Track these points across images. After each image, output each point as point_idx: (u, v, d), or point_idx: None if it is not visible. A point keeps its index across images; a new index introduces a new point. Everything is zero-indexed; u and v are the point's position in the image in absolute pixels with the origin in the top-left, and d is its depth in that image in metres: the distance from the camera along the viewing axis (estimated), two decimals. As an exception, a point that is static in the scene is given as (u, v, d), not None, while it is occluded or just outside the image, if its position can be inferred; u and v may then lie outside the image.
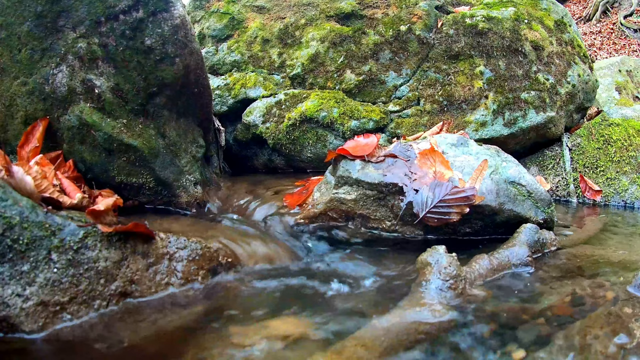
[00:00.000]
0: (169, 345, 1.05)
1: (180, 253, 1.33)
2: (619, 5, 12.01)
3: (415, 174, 1.62)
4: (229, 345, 1.01)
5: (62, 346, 1.04)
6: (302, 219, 1.70)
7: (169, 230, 1.43)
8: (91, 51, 1.66)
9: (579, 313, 1.10)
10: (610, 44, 11.00)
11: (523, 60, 2.61)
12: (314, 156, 2.54)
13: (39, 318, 1.08)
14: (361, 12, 2.78)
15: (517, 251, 1.44)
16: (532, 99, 2.54)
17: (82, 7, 1.66)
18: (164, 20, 1.71)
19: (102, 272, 1.18)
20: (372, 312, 1.15)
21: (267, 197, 1.95)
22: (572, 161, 2.73)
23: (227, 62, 2.84)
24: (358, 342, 0.96)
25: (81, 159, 1.72)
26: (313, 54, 2.69)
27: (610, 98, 4.46)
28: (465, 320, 1.08)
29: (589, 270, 1.39)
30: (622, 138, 2.70)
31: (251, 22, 2.90)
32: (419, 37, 2.65)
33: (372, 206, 1.64)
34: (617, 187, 2.59)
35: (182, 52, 1.77)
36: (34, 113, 1.69)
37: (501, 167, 1.68)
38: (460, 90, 2.55)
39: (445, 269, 1.23)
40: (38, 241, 1.13)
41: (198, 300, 1.25)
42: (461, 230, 1.64)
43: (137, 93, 1.73)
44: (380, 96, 2.63)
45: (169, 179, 1.81)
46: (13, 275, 1.09)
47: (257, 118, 2.59)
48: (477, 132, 2.48)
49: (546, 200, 1.67)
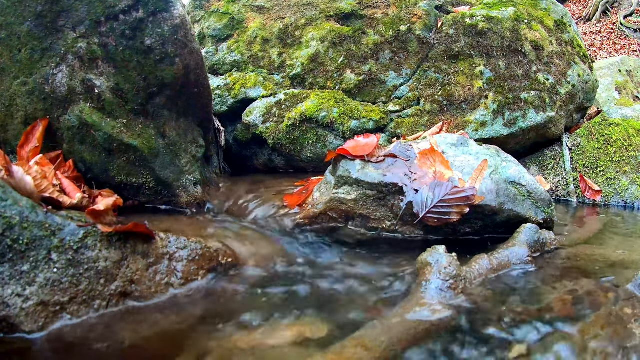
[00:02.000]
0: (169, 345, 1.05)
1: (180, 253, 1.33)
2: (619, 5, 12.01)
3: (415, 174, 1.62)
4: (229, 345, 1.01)
5: (62, 346, 1.04)
6: (302, 219, 1.70)
7: (169, 230, 1.43)
8: (91, 51, 1.66)
9: (579, 313, 1.10)
10: (610, 44, 11.00)
11: (523, 60, 2.61)
12: (314, 156, 2.54)
13: (39, 318, 1.08)
14: (361, 12, 2.78)
15: (517, 251, 1.44)
16: (532, 99, 2.54)
17: (82, 7, 1.66)
18: (164, 20, 1.71)
19: (102, 272, 1.18)
20: (372, 312, 1.15)
21: (267, 197, 1.95)
22: (572, 161, 2.73)
23: (227, 62, 2.83)
24: (358, 343, 0.96)
25: (81, 159, 1.72)
26: (313, 54, 2.69)
27: (610, 98, 4.46)
28: (465, 320, 1.08)
29: (589, 270, 1.39)
30: (622, 138, 2.70)
31: (251, 22, 2.90)
32: (419, 37, 2.65)
33: (372, 206, 1.64)
34: (617, 187, 2.59)
35: (182, 52, 1.77)
36: (34, 113, 1.69)
37: (501, 167, 1.68)
38: (460, 90, 2.55)
39: (445, 269, 1.23)
40: (38, 241, 1.13)
41: (198, 301, 1.25)
42: (461, 230, 1.64)
43: (137, 93, 1.73)
44: (380, 96, 2.63)
45: (169, 179, 1.81)
46: (13, 275, 1.09)
47: (257, 118, 2.59)
48: (477, 132, 2.48)
49: (546, 200, 1.67)
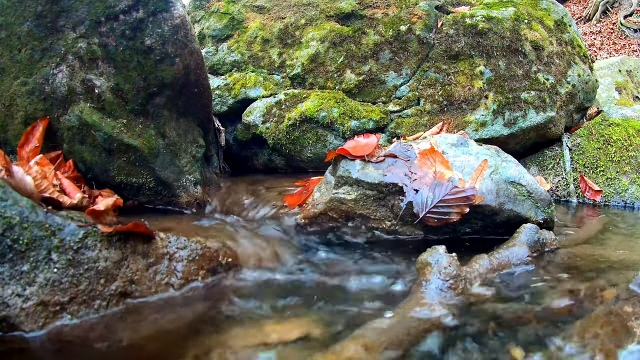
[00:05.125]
0: (169, 345, 1.05)
1: (180, 253, 1.33)
2: (619, 5, 12.01)
3: (415, 174, 1.62)
4: (229, 345, 1.01)
5: (62, 346, 1.04)
6: (302, 219, 1.70)
7: (169, 230, 1.43)
8: (91, 51, 1.66)
9: (579, 312, 1.10)
10: (610, 44, 11.00)
11: (523, 60, 2.61)
12: (314, 156, 2.54)
13: (39, 318, 1.08)
14: (361, 12, 2.78)
15: (517, 251, 1.44)
16: (532, 99, 2.54)
17: (82, 7, 1.66)
18: (164, 20, 1.71)
19: (102, 272, 1.18)
20: (372, 312, 1.15)
21: (267, 197, 1.95)
22: (572, 161, 2.73)
23: (227, 62, 2.83)
24: (358, 342, 0.96)
25: (81, 159, 1.72)
26: (313, 54, 2.69)
27: (610, 98, 4.46)
28: (465, 320, 1.08)
29: (589, 269, 1.39)
30: (622, 138, 2.70)
31: (251, 22, 2.90)
32: (419, 37, 2.65)
33: (372, 206, 1.64)
34: (617, 187, 2.59)
35: (182, 52, 1.77)
36: (34, 113, 1.69)
37: (501, 167, 1.68)
38: (460, 90, 2.55)
39: (445, 269, 1.23)
40: (38, 241, 1.13)
41: (198, 300, 1.25)
42: (461, 230, 1.64)
43: (137, 93, 1.73)
44: (380, 96, 2.63)
45: (169, 179, 1.81)
46: (13, 275, 1.09)
47: (257, 118, 2.59)
48: (477, 132, 2.48)
49: (546, 200, 1.67)
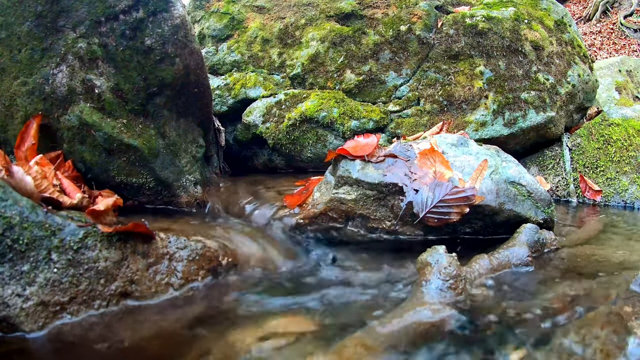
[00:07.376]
0: (169, 345, 1.05)
1: (180, 253, 1.33)
2: (619, 5, 12.01)
3: (415, 174, 1.62)
4: (229, 345, 1.01)
5: (62, 346, 1.04)
6: (302, 219, 1.70)
7: (169, 230, 1.43)
8: (91, 51, 1.66)
9: (579, 312, 1.10)
10: (610, 44, 11.00)
11: (523, 60, 2.61)
12: (314, 156, 2.54)
13: (39, 318, 1.08)
14: (361, 12, 2.78)
15: (517, 251, 1.44)
16: (532, 99, 2.54)
17: (82, 7, 1.66)
18: (164, 20, 1.71)
19: (102, 272, 1.18)
20: (373, 312, 1.15)
21: (267, 197, 1.95)
22: (572, 161, 2.73)
23: (227, 62, 2.83)
24: (358, 342, 0.96)
25: (81, 159, 1.72)
26: (313, 54, 2.69)
27: (610, 98, 4.45)
28: (465, 320, 1.08)
29: (589, 270, 1.39)
30: (622, 138, 2.70)
31: (251, 22, 2.90)
32: (419, 37, 2.65)
33: (372, 206, 1.64)
34: (617, 187, 2.59)
35: (182, 52, 1.77)
36: (34, 113, 1.69)
37: (501, 167, 1.68)
38: (460, 90, 2.55)
39: (445, 269, 1.23)
40: (38, 241, 1.13)
41: (198, 301, 1.25)
42: (461, 230, 1.64)
43: (137, 93, 1.73)
44: (380, 96, 2.63)
45: (169, 179, 1.81)
46: (13, 275, 1.09)
47: (257, 118, 2.59)
48: (477, 132, 2.48)
49: (546, 200, 1.67)
